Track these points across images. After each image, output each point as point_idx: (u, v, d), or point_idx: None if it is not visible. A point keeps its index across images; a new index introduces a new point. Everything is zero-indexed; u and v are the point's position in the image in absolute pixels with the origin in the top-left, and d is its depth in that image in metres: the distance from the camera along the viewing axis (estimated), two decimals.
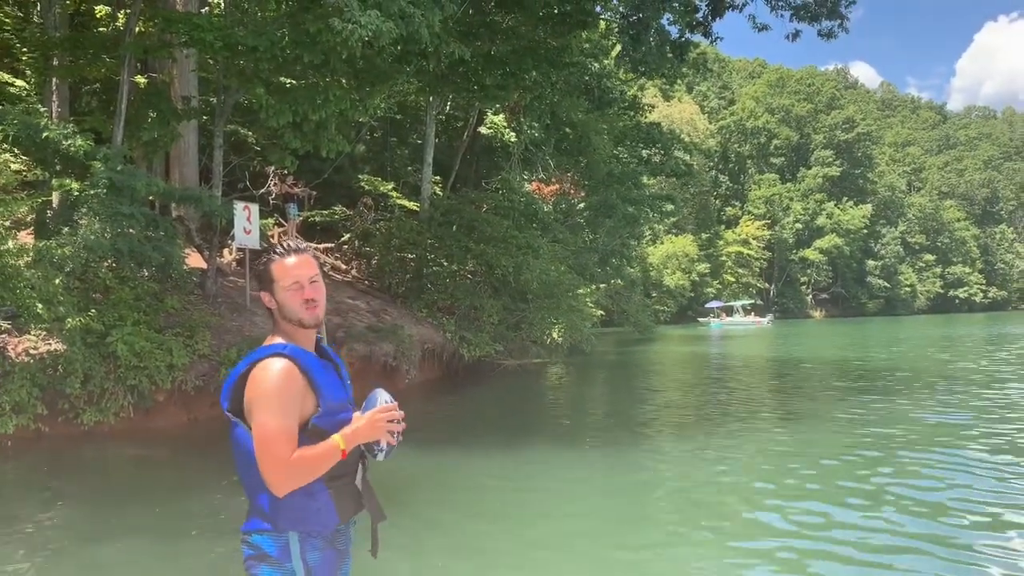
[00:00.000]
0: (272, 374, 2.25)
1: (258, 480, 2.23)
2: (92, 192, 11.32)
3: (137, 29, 14.42)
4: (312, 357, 2.38)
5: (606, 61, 30.04)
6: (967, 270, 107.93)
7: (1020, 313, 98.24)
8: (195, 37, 12.03)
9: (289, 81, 14.34)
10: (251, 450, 2.24)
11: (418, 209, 23.29)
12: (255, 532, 2.29)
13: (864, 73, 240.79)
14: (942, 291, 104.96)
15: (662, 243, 73.52)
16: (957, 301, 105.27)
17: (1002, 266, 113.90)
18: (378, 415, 2.30)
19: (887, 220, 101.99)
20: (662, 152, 34.79)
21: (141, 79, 16.41)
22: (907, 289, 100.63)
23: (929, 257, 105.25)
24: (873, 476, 8.40)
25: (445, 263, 22.07)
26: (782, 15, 21.33)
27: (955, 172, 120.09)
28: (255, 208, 15.12)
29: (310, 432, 2.27)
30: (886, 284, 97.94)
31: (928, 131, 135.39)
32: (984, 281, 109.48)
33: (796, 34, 21.84)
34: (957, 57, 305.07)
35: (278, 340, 2.38)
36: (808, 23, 21.33)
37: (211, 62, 15.16)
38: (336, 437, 2.24)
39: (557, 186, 32.76)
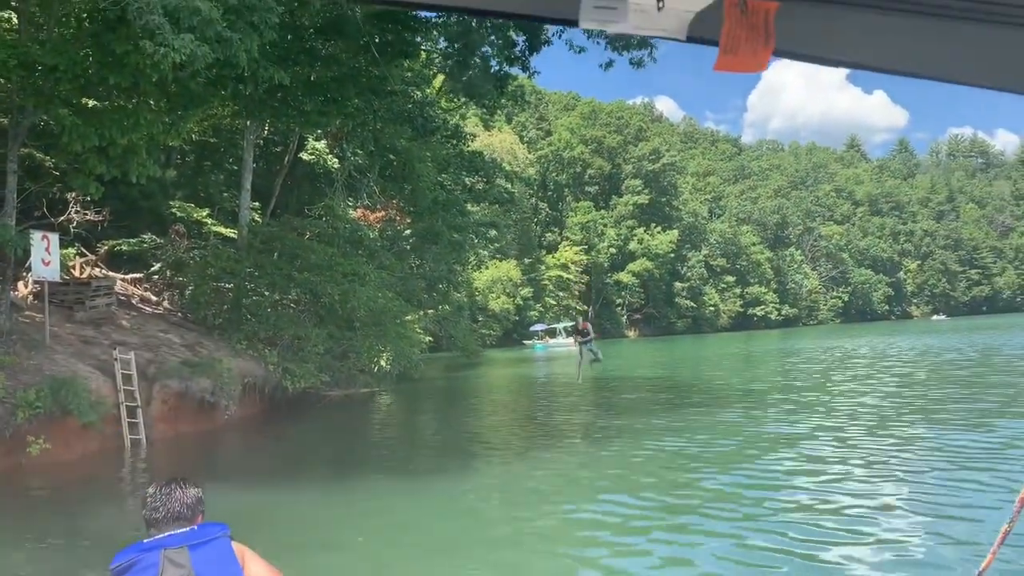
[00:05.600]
0: None
1: None
2: None
3: None
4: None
5: (428, 90, 30.45)
6: (763, 290, 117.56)
7: (809, 328, 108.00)
8: None
9: (93, 103, 13.49)
10: None
11: (236, 236, 22.45)
12: None
13: (668, 107, 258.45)
14: (742, 310, 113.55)
15: (487, 268, 74.87)
16: (755, 319, 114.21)
17: (793, 286, 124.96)
18: None
19: (692, 244, 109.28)
20: (485, 180, 35.66)
21: None
22: (711, 308, 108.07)
23: (729, 278, 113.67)
24: (678, 480, 9.06)
25: (266, 292, 21.39)
26: (598, 42, 22.87)
27: (750, 200, 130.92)
28: (55, 238, 14.07)
29: None
30: (692, 304, 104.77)
31: (726, 162, 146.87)
32: (778, 300, 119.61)
33: (609, 63, 23.51)
34: (748, 93, 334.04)
35: None
36: (620, 52, 22.94)
37: (2, 80, 13.97)
38: None
39: (383, 213, 32.66)
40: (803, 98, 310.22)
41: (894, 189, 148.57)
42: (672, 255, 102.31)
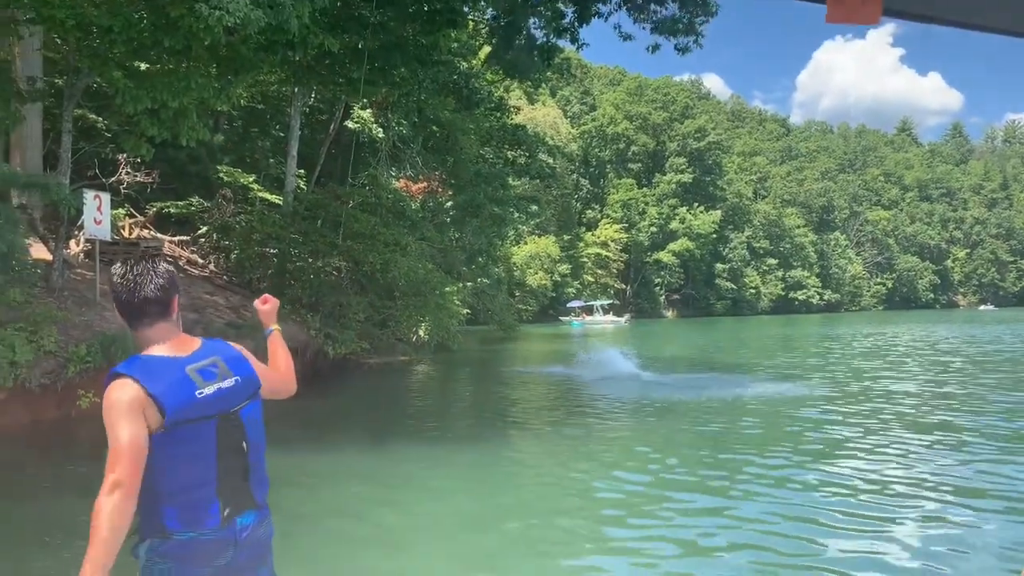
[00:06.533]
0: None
1: None
2: None
3: None
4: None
5: (474, 61, 30.30)
6: (806, 274, 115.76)
7: (851, 314, 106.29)
8: (43, 14, 11.26)
9: (145, 65, 13.65)
10: None
11: (281, 203, 22.69)
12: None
13: (715, 85, 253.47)
14: (783, 293, 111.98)
15: (526, 243, 74.79)
16: (796, 303, 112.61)
17: (836, 271, 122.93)
18: None
19: (735, 225, 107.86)
20: (527, 154, 35.45)
21: None
22: (752, 291, 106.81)
23: (772, 261, 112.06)
24: (713, 464, 9.00)
25: (310, 259, 21.61)
26: (643, 27, 22.41)
27: (796, 182, 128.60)
28: (106, 197, 14.34)
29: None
30: (733, 286, 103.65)
31: (773, 142, 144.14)
32: (820, 284, 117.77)
33: (656, 47, 23.02)
34: (798, 73, 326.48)
35: None
36: (666, 37, 22.45)
37: (59, 42, 14.20)
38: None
39: (425, 184, 32.71)
40: (855, 79, 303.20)
41: (945, 175, 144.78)
42: (714, 236, 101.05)
